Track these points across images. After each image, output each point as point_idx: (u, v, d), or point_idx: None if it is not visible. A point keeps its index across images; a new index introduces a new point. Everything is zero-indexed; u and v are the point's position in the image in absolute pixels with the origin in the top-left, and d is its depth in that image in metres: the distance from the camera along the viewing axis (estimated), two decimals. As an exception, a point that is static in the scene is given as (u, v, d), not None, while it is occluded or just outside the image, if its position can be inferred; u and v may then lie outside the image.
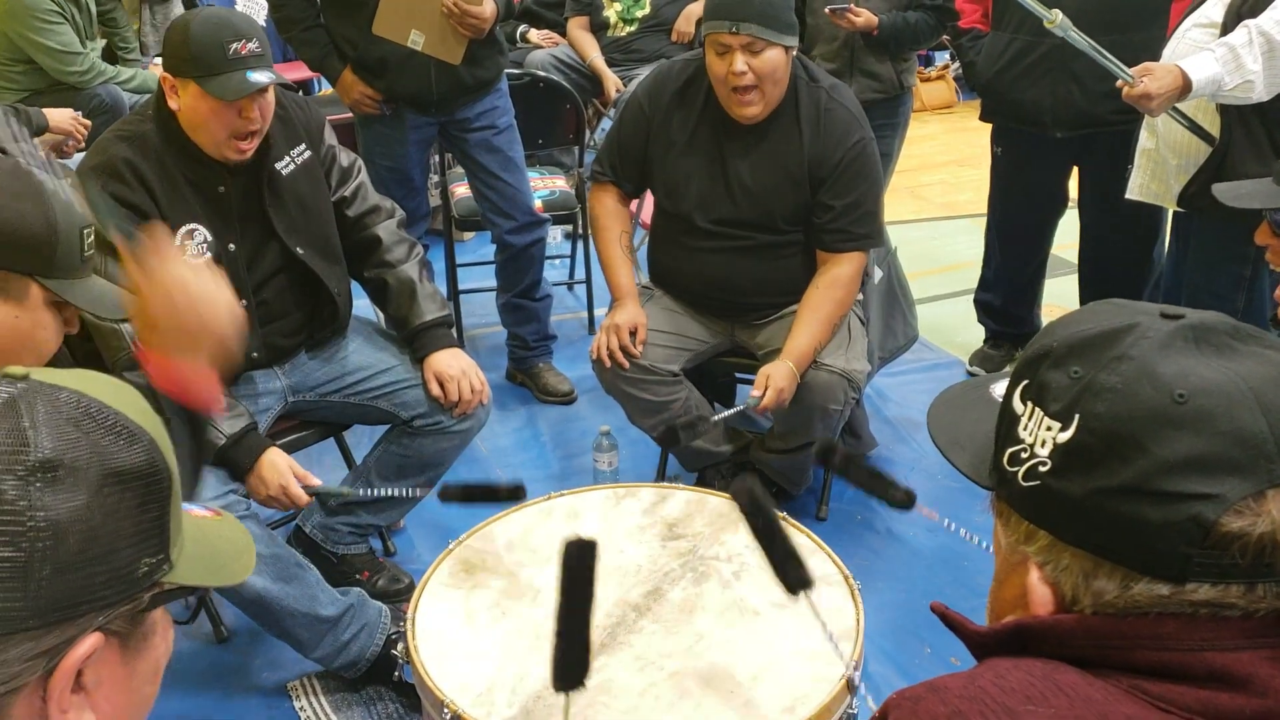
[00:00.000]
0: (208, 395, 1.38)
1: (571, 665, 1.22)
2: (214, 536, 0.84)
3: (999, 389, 0.94)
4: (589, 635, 1.21)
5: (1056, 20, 2.52)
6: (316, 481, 2.23)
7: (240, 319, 1.40)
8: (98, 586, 0.69)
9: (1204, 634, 0.76)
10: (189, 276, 1.36)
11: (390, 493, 2.33)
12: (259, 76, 2.12)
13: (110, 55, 4.65)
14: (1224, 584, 0.75)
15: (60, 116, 3.51)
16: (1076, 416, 0.79)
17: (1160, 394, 0.76)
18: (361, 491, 2.40)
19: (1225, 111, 2.54)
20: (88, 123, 3.61)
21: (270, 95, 2.21)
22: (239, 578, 0.85)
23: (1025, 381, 0.85)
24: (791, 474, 2.77)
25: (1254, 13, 2.41)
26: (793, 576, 1.37)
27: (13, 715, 0.68)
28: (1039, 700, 0.76)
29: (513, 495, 1.85)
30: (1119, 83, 2.52)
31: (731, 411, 2.52)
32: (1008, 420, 0.86)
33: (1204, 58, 2.40)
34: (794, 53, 2.50)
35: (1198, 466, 0.74)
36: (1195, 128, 2.61)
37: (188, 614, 0.99)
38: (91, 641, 0.70)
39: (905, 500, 1.56)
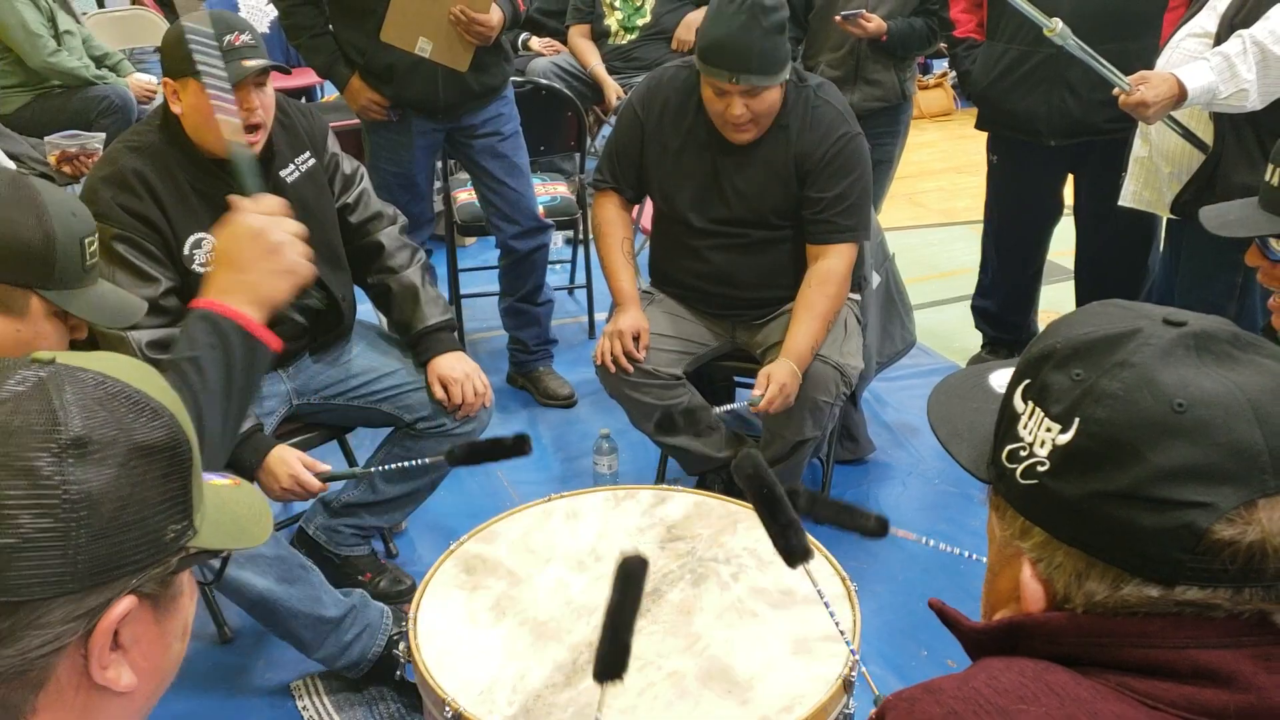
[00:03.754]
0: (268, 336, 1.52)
1: (613, 660, 1.29)
2: (233, 503, 0.89)
3: (996, 378, 0.96)
4: (631, 637, 1.29)
5: (1056, 29, 2.54)
6: (326, 467, 2.24)
7: (307, 258, 1.52)
8: (129, 551, 0.75)
9: (1189, 632, 0.78)
10: (269, 218, 1.51)
11: (400, 465, 2.33)
12: (255, 63, 2.15)
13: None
14: (1212, 587, 0.77)
15: None
16: (1077, 420, 0.80)
17: (1160, 403, 0.77)
18: (374, 469, 2.41)
19: (1218, 119, 2.57)
20: None
21: (270, 90, 2.23)
22: (258, 540, 0.90)
23: (1027, 381, 0.86)
24: (783, 481, 2.78)
25: (1247, 23, 2.44)
26: (794, 545, 1.38)
27: (57, 673, 0.74)
28: (1031, 700, 0.78)
29: (518, 447, 1.86)
30: (1115, 91, 2.54)
31: (731, 406, 2.53)
32: (1008, 417, 0.87)
33: (1199, 66, 2.43)
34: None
35: (1193, 475, 0.76)
36: (1189, 135, 2.63)
37: (211, 576, 1.05)
38: (127, 603, 0.75)
39: (879, 528, 1.57)
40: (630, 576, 1.32)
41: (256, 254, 1.48)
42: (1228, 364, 0.79)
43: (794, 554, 1.39)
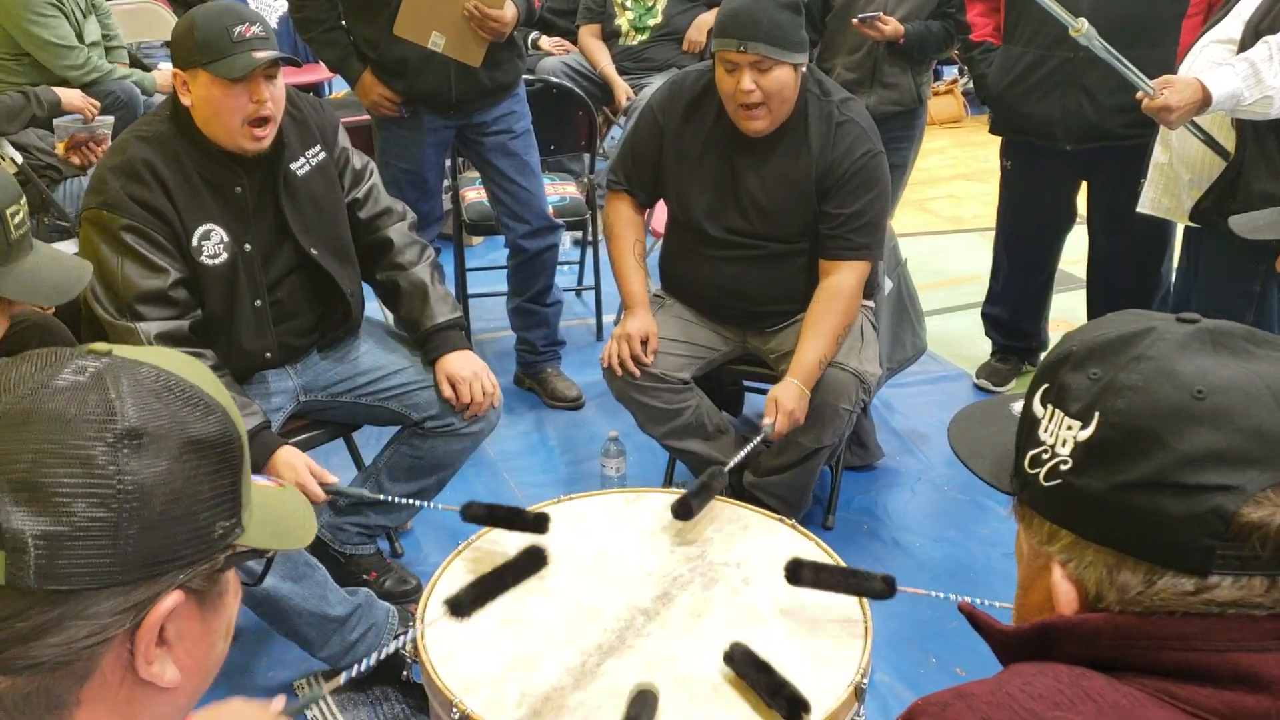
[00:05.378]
0: None
1: None
2: (278, 504, 0.89)
3: (1018, 407, 0.96)
4: None
5: (1083, 30, 2.52)
6: (333, 479, 2.23)
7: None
8: (179, 545, 0.74)
9: (1231, 634, 0.76)
10: None
11: (409, 503, 2.32)
12: (264, 55, 2.14)
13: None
14: (1246, 577, 0.76)
15: (70, 95, 3.60)
16: (1097, 414, 0.81)
17: (1179, 391, 0.78)
18: (383, 497, 2.39)
19: (1240, 126, 2.55)
20: (96, 103, 3.69)
21: (280, 83, 2.22)
22: (302, 543, 0.90)
23: (1045, 385, 0.86)
24: (791, 495, 2.72)
25: (1273, 29, 2.42)
26: (794, 697, 1.47)
27: (102, 666, 0.74)
28: (1066, 706, 0.76)
29: (537, 525, 1.86)
30: (1139, 95, 2.52)
31: (744, 453, 2.40)
32: (1028, 424, 0.87)
33: (1224, 72, 2.41)
34: (803, 69, 2.51)
35: (1217, 459, 0.76)
36: (1211, 142, 2.61)
37: (254, 577, 1.04)
38: (174, 598, 0.75)
39: (886, 588, 1.63)
40: (645, 703, 1.47)
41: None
42: (1244, 357, 0.80)
43: (795, 705, 1.47)
